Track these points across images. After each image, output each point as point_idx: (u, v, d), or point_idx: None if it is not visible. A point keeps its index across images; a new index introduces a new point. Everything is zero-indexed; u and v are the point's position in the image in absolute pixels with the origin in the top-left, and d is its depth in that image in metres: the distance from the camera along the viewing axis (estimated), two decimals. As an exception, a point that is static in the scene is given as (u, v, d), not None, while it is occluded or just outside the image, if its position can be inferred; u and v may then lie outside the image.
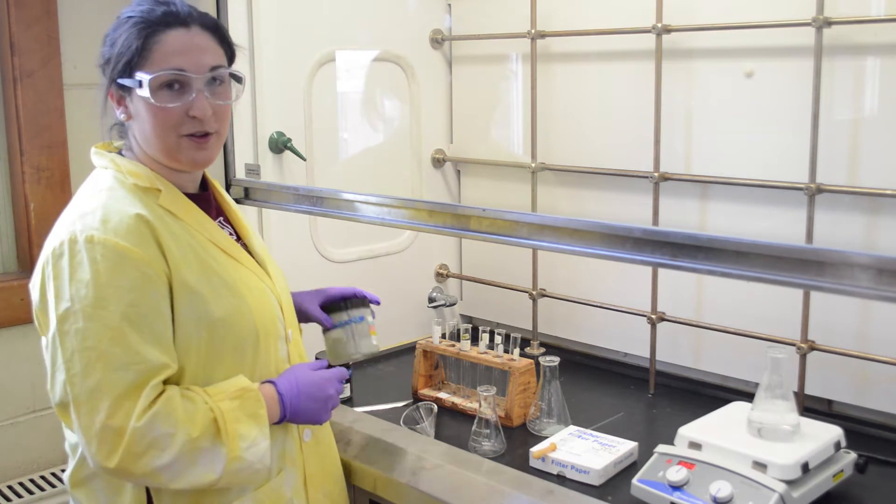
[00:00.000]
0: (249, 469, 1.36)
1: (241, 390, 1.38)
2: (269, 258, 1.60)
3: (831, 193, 1.85)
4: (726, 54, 2.04)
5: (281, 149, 2.24)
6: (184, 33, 1.38)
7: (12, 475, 2.19)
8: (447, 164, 2.68)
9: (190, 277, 1.36)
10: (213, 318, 1.38)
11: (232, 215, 1.58)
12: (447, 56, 2.64)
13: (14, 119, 2.14)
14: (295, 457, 1.53)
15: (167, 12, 1.38)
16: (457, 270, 2.75)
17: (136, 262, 1.31)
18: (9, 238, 2.20)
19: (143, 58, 1.36)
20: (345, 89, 2.41)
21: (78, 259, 1.30)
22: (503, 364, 1.99)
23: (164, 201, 1.40)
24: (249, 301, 1.43)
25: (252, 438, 1.36)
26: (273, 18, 2.19)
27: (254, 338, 1.44)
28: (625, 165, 2.22)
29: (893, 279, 1.08)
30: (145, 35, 1.36)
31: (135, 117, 1.41)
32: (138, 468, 1.28)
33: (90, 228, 1.31)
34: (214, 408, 1.33)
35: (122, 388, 1.27)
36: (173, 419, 1.29)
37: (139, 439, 1.27)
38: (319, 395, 1.49)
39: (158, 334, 1.32)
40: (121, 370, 1.28)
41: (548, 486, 1.65)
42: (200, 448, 1.31)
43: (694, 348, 2.21)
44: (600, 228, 1.39)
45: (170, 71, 1.36)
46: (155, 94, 1.36)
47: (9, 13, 2.09)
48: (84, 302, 1.28)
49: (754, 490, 1.47)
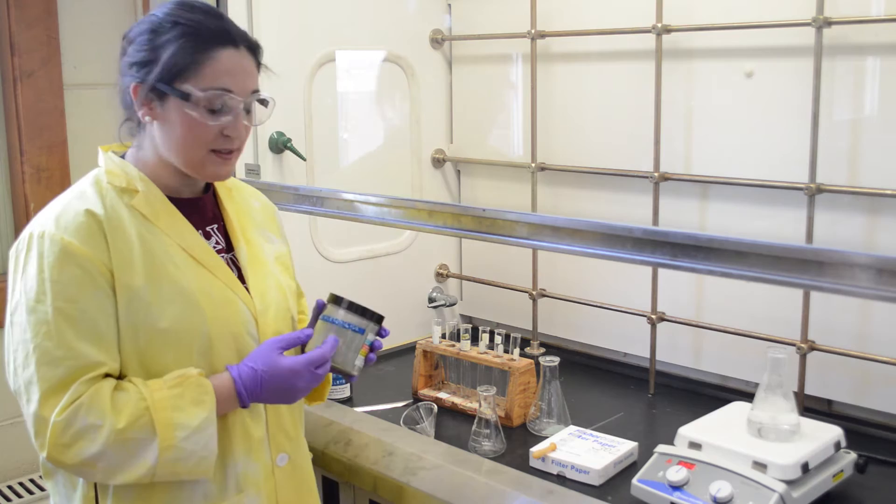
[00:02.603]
0: (192, 457, 1.33)
1: (182, 377, 1.35)
2: (264, 271, 1.53)
3: (831, 193, 1.86)
4: (726, 54, 2.04)
5: (281, 149, 2.24)
6: (234, 53, 1.39)
7: (12, 475, 2.19)
8: (447, 164, 2.68)
9: (135, 281, 1.34)
10: (155, 327, 1.35)
11: (229, 223, 1.54)
12: (447, 56, 2.64)
13: (14, 119, 2.14)
14: (260, 481, 1.47)
15: (222, 29, 1.38)
16: (457, 270, 2.75)
17: (79, 258, 1.31)
18: (9, 238, 2.20)
19: (193, 70, 1.35)
20: (345, 89, 2.41)
21: (30, 255, 1.33)
22: (503, 364, 1.99)
23: (137, 202, 1.39)
24: (206, 311, 1.39)
25: (194, 426, 1.33)
26: (273, 18, 2.19)
27: (205, 349, 1.39)
28: (625, 165, 2.22)
29: (893, 279, 1.08)
30: (200, 48, 1.36)
31: (163, 122, 1.39)
32: (69, 458, 1.29)
33: (44, 225, 1.33)
34: (147, 397, 1.31)
35: (52, 382, 1.29)
36: (98, 410, 1.29)
37: (62, 432, 1.28)
38: (284, 386, 1.40)
39: (97, 331, 1.32)
40: (52, 364, 1.29)
41: (548, 486, 1.65)
42: (129, 438, 1.30)
43: (694, 348, 2.21)
44: (600, 228, 1.39)
45: (219, 91, 1.36)
46: (196, 107, 1.36)
47: (9, 13, 2.09)
48: (27, 296, 1.31)
49: (754, 490, 1.47)
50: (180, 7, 1.39)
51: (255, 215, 1.59)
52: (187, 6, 1.39)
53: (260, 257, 1.54)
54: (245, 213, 1.57)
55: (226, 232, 1.53)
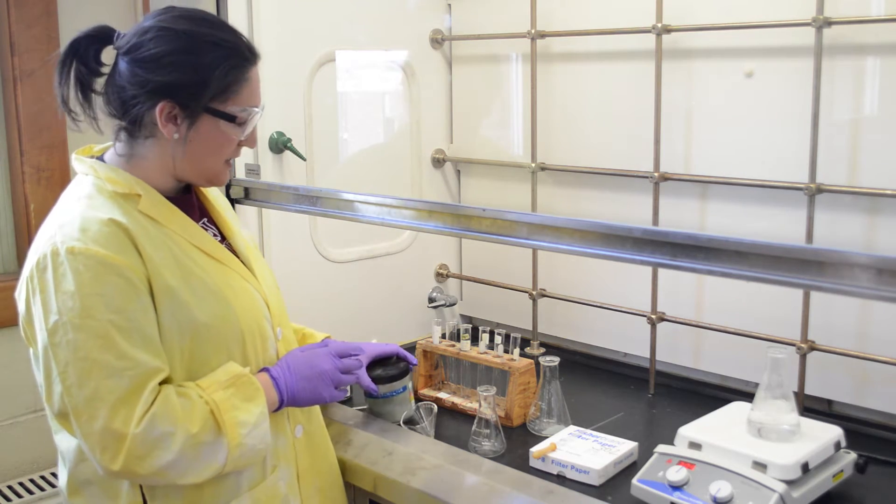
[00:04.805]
0: (252, 451, 1.39)
1: (234, 377, 1.40)
2: (256, 256, 1.61)
3: (831, 193, 1.85)
4: (726, 54, 2.04)
5: (281, 149, 2.24)
6: (256, 70, 1.45)
7: (12, 475, 2.19)
8: (447, 164, 2.68)
9: (171, 282, 1.36)
10: (197, 323, 1.38)
11: (216, 215, 1.58)
12: (447, 56, 2.64)
13: (14, 119, 2.14)
14: (287, 453, 1.55)
15: (251, 49, 1.43)
16: (457, 270, 2.75)
17: (118, 268, 1.32)
18: (9, 238, 2.20)
19: (236, 92, 1.41)
20: (345, 89, 2.41)
21: (61, 271, 1.31)
22: (503, 364, 1.99)
23: (143, 206, 1.40)
24: (234, 304, 1.44)
25: (252, 422, 1.38)
26: (273, 18, 2.19)
27: (239, 341, 1.45)
28: (625, 165, 2.22)
29: (893, 279, 1.08)
30: (242, 70, 1.41)
31: (192, 140, 1.40)
32: (143, 469, 1.29)
33: (71, 239, 1.32)
34: (209, 400, 1.35)
35: (118, 394, 1.29)
36: (172, 418, 1.30)
37: (140, 443, 1.28)
38: (311, 371, 1.51)
39: (147, 338, 1.33)
40: (115, 377, 1.29)
41: (548, 486, 1.65)
42: (202, 442, 1.33)
43: (694, 348, 2.21)
44: (600, 228, 1.39)
45: (254, 109, 1.43)
46: (236, 127, 1.42)
47: (9, 13, 2.09)
48: (71, 313, 1.29)
49: (754, 490, 1.47)
50: (205, 24, 1.40)
51: (222, 204, 1.64)
52: (208, 23, 1.42)
53: (248, 244, 1.61)
54: (220, 205, 1.62)
55: (215, 225, 1.57)
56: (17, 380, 2.17)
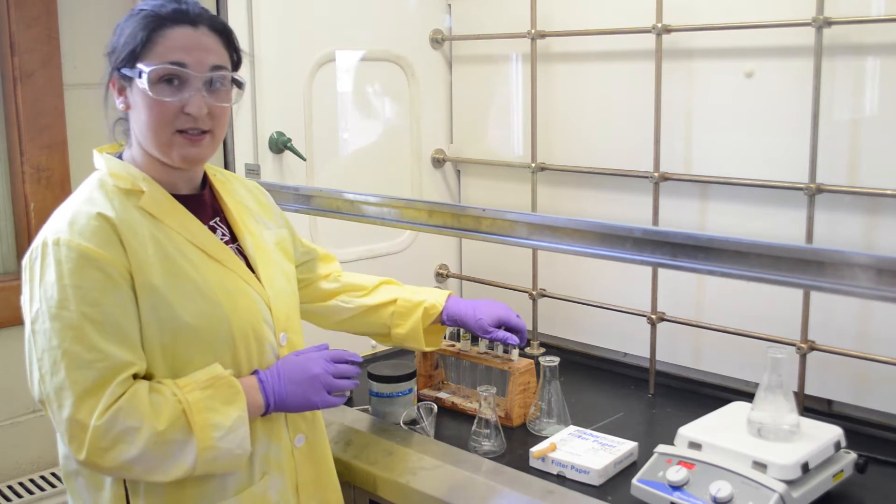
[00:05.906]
0: (228, 455, 1.36)
1: (213, 378, 1.38)
2: (270, 259, 1.57)
3: (831, 193, 1.86)
4: (726, 54, 2.04)
5: (281, 149, 2.24)
6: (190, 31, 1.40)
7: (12, 475, 2.19)
8: (447, 164, 2.68)
9: (155, 280, 1.36)
10: (180, 322, 1.37)
11: (230, 215, 1.57)
12: (447, 56, 2.64)
13: (14, 119, 2.13)
14: (283, 461, 1.51)
15: (177, 9, 1.40)
16: (457, 270, 2.75)
17: (99, 262, 1.32)
18: (9, 238, 2.20)
19: (147, 49, 1.38)
20: (345, 89, 2.41)
21: (47, 262, 1.33)
22: (503, 364, 1.99)
23: (144, 203, 1.41)
24: (226, 306, 1.42)
25: (228, 426, 1.36)
26: (273, 18, 2.19)
27: (229, 343, 1.43)
28: (625, 165, 2.22)
29: (893, 279, 1.08)
30: (152, 28, 1.38)
31: (133, 108, 1.42)
32: (107, 462, 1.29)
33: (58, 231, 1.34)
34: (183, 400, 1.33)
35: (84, 385, 1.29)
36: (138, 413, 1.30)
37: (102, 435, 1.28)
38: (301, 376, 1.48)
39: (122, 333, 1.33)
40: (83, 368, 1.30)
41: (548, 486, 1.65)
42: (169, 440, 1.32)
43: (694, 348, 2.21)
44: (600, 228, 1.39)
45: (169, 65, 1.38)
46: (153, 86, 1.38)
47: (9, 13, 2.09)
48: (49, 303, 1.31)
49: (754, 490, 1.47)
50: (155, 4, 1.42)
51: (248, 204, 1.62)
52: (159, 4, 1.42)
53: (263, 246, 1.58)
54: (241, 204, 1.60)
55: (228, 224, 1.55)
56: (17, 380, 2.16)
